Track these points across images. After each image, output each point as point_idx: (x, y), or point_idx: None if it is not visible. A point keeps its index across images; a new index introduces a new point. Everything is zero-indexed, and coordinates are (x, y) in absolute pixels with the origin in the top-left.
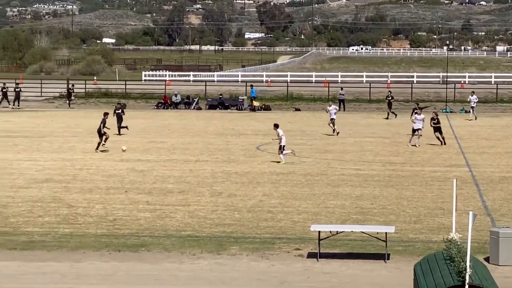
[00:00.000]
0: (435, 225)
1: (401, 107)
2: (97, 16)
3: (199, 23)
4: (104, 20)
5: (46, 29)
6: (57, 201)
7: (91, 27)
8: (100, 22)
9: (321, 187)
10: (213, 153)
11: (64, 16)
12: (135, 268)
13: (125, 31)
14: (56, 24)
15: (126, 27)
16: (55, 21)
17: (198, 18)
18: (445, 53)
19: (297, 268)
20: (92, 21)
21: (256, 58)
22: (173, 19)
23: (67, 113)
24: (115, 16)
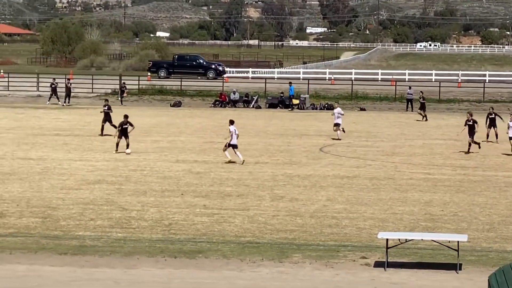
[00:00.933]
0: (510, 234)
1: (473, 107)
2: (151, 9)
3: (258, 17)
4: (158, 12)
5: (97, 22)
6: (109, 204)
7: (144, 19)
8: (154, 15)
9: (388, 192)
10: (274, 155)
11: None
12: (191, 275)
13: (180, 25)
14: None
15: (181, 20)
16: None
17: (257, 11)
18: None
19: (363, 277)
20: (145, 14)
21: (318, 54)
22: (231, 12)
23: (119, 111)
24: (170, 8)
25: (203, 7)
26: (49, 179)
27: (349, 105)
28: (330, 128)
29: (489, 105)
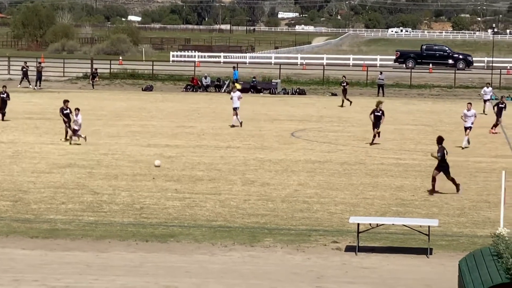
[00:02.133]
0: (480, 219)
1: (444, 93)
2: None
3: (230, 1)
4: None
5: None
6: (80, 188)
7: (115, 3)
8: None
9: (360, 177)
10: (245, 139)
11: None
12: (163, 259)
13: (152, 9)
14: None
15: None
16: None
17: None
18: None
19: (334, 262)
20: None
21: (290, 39)
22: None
23: (91, 95)
24: None
25: None
26: (20, 163)
27: (320, 90)
28: (302, 113)
29: (460, 90)
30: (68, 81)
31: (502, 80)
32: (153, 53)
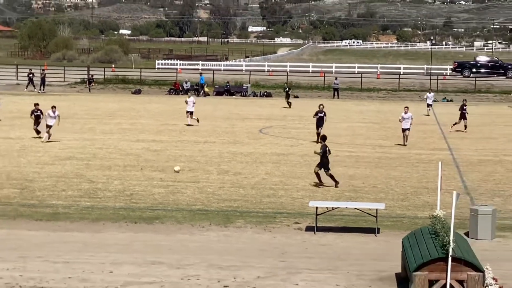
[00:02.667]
0: (420, 203)
1: (389, 95)
2: (115, 9)
3: (207, 17)
4: (121, 13)
5: (68, 21)
6: (79, 177)
7: (109, 19)
8: (117, 15)
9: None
10: (220, 135)
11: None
12: (150, 238)
13: (140, 23)
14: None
15: (140, 19)
16: (76, 13)
17: (206, 12)
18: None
19: (296, 240)
20: (110, 14)
21: (258, 49)
22: (184, 13)
23: (87, 97)
24: (131, 9)
25: (160, 8)
26: (26, 156)
27: (284, 93)
28: (269, 112)
29: (403, 93)
30: (68, 86)
31: (439, 85)
32: (141, 62)
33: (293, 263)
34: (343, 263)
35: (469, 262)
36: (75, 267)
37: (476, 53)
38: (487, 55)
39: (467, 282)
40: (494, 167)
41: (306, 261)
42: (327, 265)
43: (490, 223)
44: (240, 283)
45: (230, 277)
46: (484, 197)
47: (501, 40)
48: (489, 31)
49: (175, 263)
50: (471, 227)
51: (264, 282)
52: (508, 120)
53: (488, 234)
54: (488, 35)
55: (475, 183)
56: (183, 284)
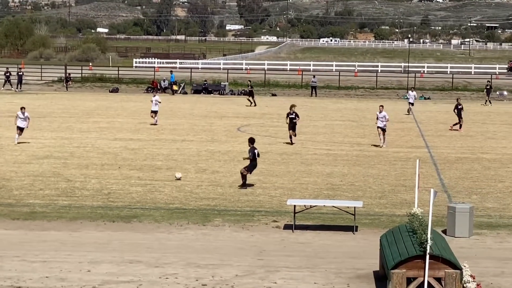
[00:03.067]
0: (398, 201)
1: (367, 93)
2: (92, 8)
3: (185, 15)
4: (98, 11)
5: (45, 19)
6: (56, 176)
7: (86, 17)
8: (95, 13)
9: (296, 165)
10: (198, 134)
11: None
12: (128, 237)
13: (117, 22)
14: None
15: (118, 18)
16: (53, 11)
17: (184, 10)
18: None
19: (274, 238)
20: (87, 12)
21: (236, 47)
22: (161, 11)
23: (65, 96)
24: (108, 8)
25: (137, 7)
26: (3, 155)
27: (262, 91)
28: (246, 110)
29: (381, 91)
30: (45, 84)
31: (416, 82)
32: (118, 60)
33: (271, 261)
34: (321, 261)
35: (446, 260)
36: (52, 266)
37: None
38: None
39: (444, 280)
40: (472, 164)
41: (284, 259)
42: (305, 263)
43: (467, 220)
44: (218, 282)
45: (208, 275)
46: (462, 194)
47: (478, 38)
48: (466, 29)
49: (153, 261)
50: (449, 224)
51: (242, 281)
52: (485, 118)
53: (466, 232)
54: (465, 33)
55: (452, 181)
56: (161, 283)
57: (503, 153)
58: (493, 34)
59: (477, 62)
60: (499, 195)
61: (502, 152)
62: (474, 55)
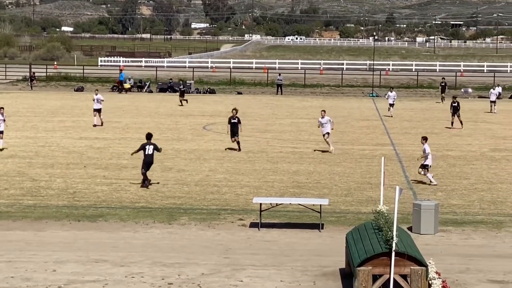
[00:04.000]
0: (364, 198)
1: (333, 91)
2: (57, 6)
3: (150, 14)
4: (63, 10)
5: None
6: (21, 175)
7: (51, 16)
8: (59, 12)
9: (262, 163)
10: (164, 132)
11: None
12: (93, 236)
13: (82, 21)
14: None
15: (83, 16)
16: (17, 10)
17: (149, 9)
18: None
19: (240, 236)
20: (52, 11)
21: (201, 46)
22: (126, 9)
23: (29, 95)
24: (73, 6)
25: (102, 5)
26: None
27: (228, 89)
28: (212, 109)
29: (346, 89)
30: (10, 83)
31: (381, 80)
32: (83, 59)
33: (238, 259)
34: (288, 259)
35: (412, 257)
36: (17, 266)
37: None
38: None
39: (410, 277)
40: (437, 162)
41: (251, 258)
42: (272, 261)
43: (432, 217)
44: (185, 280)
45: (174, 274)
46: (427, 191)
47: (443, 35)
48: (431, 27)
49: (119, 261)
50: (414, 221)
51: (209, 279)
52: (450, 116)
53: (431, 229)
54: (430, 31)
55: (418, 178)
56: (127, 282)
57: (468, 150)
58: (458, 31)
59: (442, 60)
60: (464, 192)
61: (467, 149)
62: (439, 53)
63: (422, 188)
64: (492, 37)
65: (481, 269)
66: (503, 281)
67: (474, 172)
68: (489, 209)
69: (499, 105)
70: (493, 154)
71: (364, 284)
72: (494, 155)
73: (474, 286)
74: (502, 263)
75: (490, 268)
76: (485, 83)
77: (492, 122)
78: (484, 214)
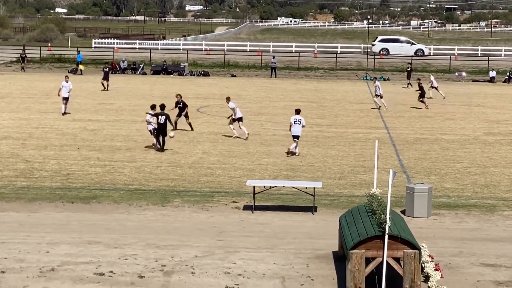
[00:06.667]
0: (357, 181)
1: (327, 74)
2: None
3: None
4: None
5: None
6: (14, 157)
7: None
8: None
9: (255, 146)
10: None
11: None
12: (87, 218)
13: (76, 2)
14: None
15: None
16: None
17: None
18: (366, 27)
19: (234, 219)
20: None
21: (195, 28)
22: None
23: (23, 76)
24: None
25: None
26: None
27: (222, 72)
28: (206, 91)
29: (340, 72)
30: (3, 65)
31: (376, 63)
32: (77, 41)
33: (231, 242)
34: (281, 242)
35: (405, 240)
36: (11, 248)
37: (412, 32)
38: None
39: (403, 260)
40: (430, 145)
41: (244, 240)
42: (265, 244)
43: (426, 201)
44: (178, 262)
45: (167, 256)
46: (421, 175)
47: (437, 19)
48: (425, 10)
49: (112, 242)
50: (408, 205)
51: (202, 261)
52: (444, 99)
53: (424, 212)
54: (424, 14)
55: (411, 162)
56: (120, 263)
57: (461, 133)
58: (452, 15)
59: (436, 43)
60: (458, 175)
61: (460, 133)
62: (433, 37)
63: (415, 172)
64: (486, 21)
65: (474, 253)
66: (495, 265)
67: (467, 156)
68: (482, 192)
69: (493, 89)
70: (487, 138)
71: (357, 267)
72: (488, 138)
73: (467, 269)
74: (494, 247)
75: (483, 251)
76: (479, 67)
77: (486, 106)
78: (477, 198)
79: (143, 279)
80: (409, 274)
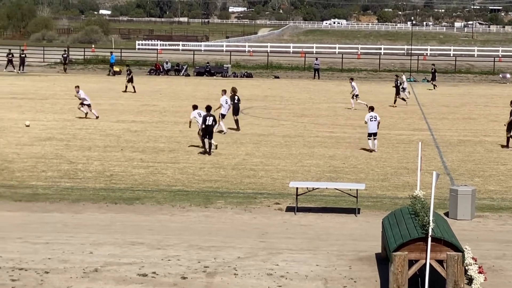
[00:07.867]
0: (400, 183)
1: (370, 76)
2: None
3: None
4: None
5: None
6: (58, 158)
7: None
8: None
9: (298, 148)
10: None
11: None
12: (130, 219)
13: (120, 4)
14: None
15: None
16: None
17: None
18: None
19: (276, 220)
20: None
21: (239, 30)
22: None
23: (67, 78)
24: None
25: None
26: (5, 137)
27: (265, 73)
28: (249, 93)
29: (384, 74)
30: (48, 66)
31: (419, 65)
32: (121, 42)
33: (274, 243)
34: (323, 243)
35: (448, 242)
36: (54, 248)
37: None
38: None
39: (446, 262)
40: (474, 147)
41: (287, 242)
42: (308, 246)
43: (469, 203)
44: (221, 264)
45: (210, 257)
46: (464, 177)
47: (481, 20)
48: (469, 11)
49: (155, 243)
50: (451, 207)
51: (245, 263)
52: (488, 101)
53: (468, 214)
54: (468, 16)
55: (455, 164)
56: (163, 264)
57: (505, 136)
58: (496, 16)
59: (480, 45)
60: (502, 177)
61: (504, 135)
62: (477, 38)
63: (459, 174)
64: None
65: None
66: None
67: (511, 158)
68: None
69: None
70: None
71: (400, 269)
72: None
73: (510, 272)
74: None
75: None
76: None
77: None
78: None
79: (186, 280)
80: (452, 277)
